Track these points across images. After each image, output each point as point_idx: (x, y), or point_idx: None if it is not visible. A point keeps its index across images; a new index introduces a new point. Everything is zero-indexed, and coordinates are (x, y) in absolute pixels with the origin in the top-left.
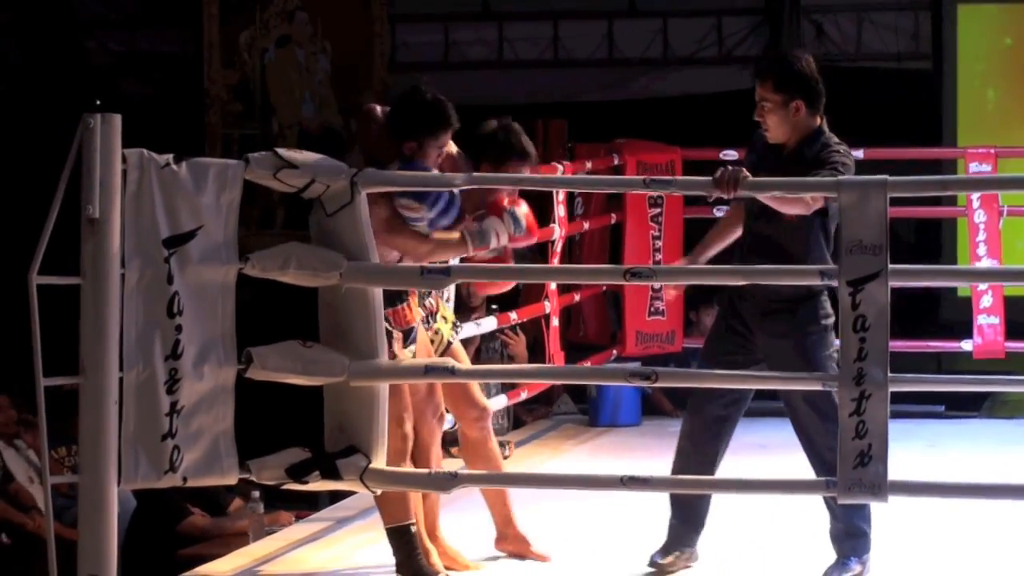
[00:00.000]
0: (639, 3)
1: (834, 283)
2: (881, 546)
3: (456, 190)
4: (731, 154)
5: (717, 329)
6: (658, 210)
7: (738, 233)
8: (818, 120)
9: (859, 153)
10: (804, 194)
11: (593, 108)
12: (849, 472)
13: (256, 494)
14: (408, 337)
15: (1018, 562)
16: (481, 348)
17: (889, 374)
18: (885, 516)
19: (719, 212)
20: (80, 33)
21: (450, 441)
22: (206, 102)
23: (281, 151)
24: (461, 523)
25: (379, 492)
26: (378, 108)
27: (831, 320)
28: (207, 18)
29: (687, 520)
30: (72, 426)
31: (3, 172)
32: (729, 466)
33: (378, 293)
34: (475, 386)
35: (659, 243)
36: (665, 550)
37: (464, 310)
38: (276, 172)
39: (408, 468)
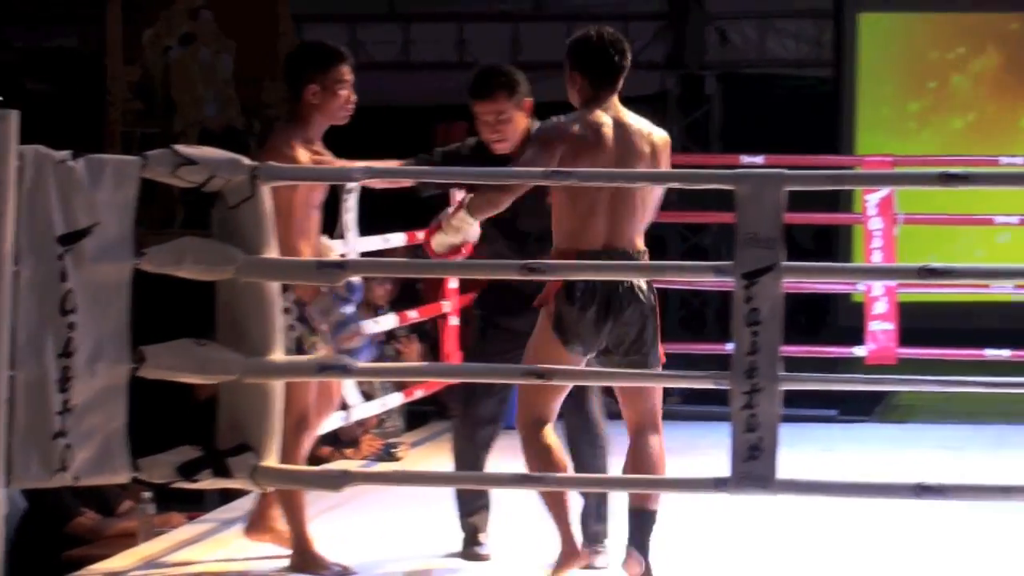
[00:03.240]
0: (544, 6)
1: (728, 277)
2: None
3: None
4: None
5: (487, 329)
6: None
7: None
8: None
9: (759, 159)
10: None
11: None
12: (740, 465)
13: (147, 495)
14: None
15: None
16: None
17: (780, 371)
18: (778, 516)
19: None
20: None
21: (345, 443)
22: (107, 100)
23: (179, 147)
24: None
25: (270, 490)
26: None
27: None
28: (110, 15)
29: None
30: None
31: None
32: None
33: (275, 288)
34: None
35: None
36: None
37: (367, 308)
38: (175, 169)
39: (301, 467)
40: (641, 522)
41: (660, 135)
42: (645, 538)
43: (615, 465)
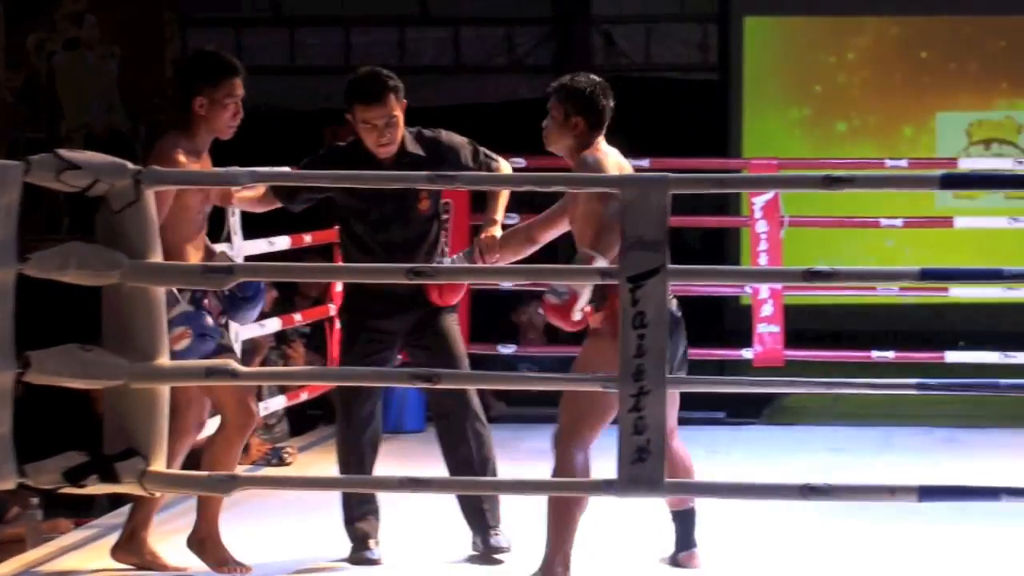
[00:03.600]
0: (431, 11)
1: (614, 280)
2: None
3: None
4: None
5: (356, 332)
6: (446, 216)
7: None
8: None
9: (645, 162)
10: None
11: None
12: (627, 467)
13: (35, 501)
14: None
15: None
16: (266, 358)
17: (667, 373)
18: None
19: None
20: None
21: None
22: None
23: (63, 152)
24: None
25: (157, 495)
26: None
27: None
28: None
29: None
30: None
31: None
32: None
33: (160, 293)
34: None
35: (446, 248)
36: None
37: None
38: (58, 174)
39: (189, 472)
40: (687, 520)
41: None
42: (694, 533)
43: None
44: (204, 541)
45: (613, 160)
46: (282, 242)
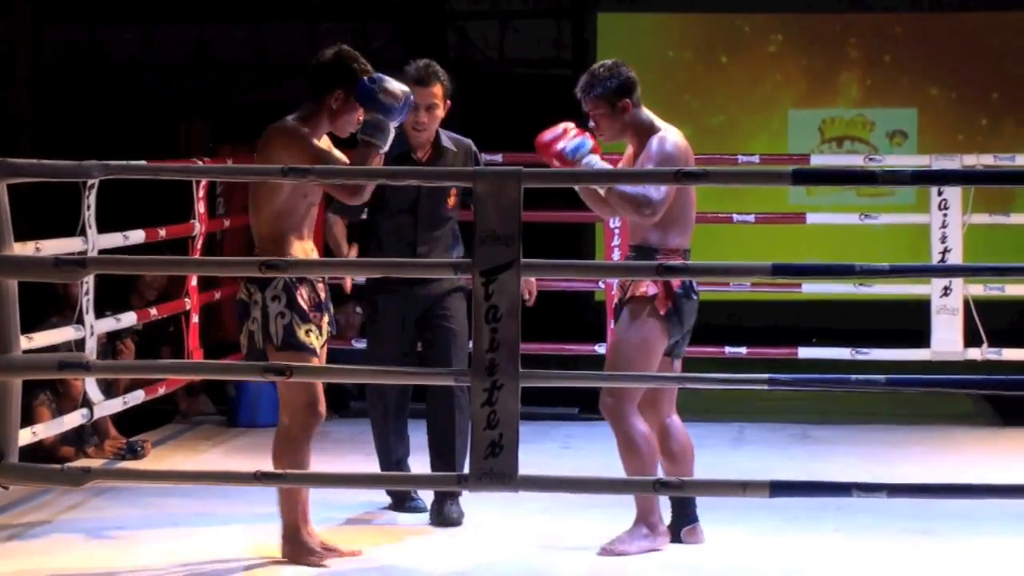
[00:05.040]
0: (285, 5)
1: (467, 274)
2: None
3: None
4: None
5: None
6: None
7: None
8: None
9: (498, 157)
10: None
11: (241, 109)
12: (480, 462)
13: None
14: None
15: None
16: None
17: (520, 368)
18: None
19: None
20: None
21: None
22: None
23: None
24: None
25: (9, 488)
26: None
27: None
28: None
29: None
30: None
31: None
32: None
33: (12, 286)
34: None
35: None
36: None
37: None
38: None
39: (41, 465)
40: (687, 498)
41: None
42: (694, 508)
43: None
44: (291, 540)
45: (672, 137)
46: (137, 236)
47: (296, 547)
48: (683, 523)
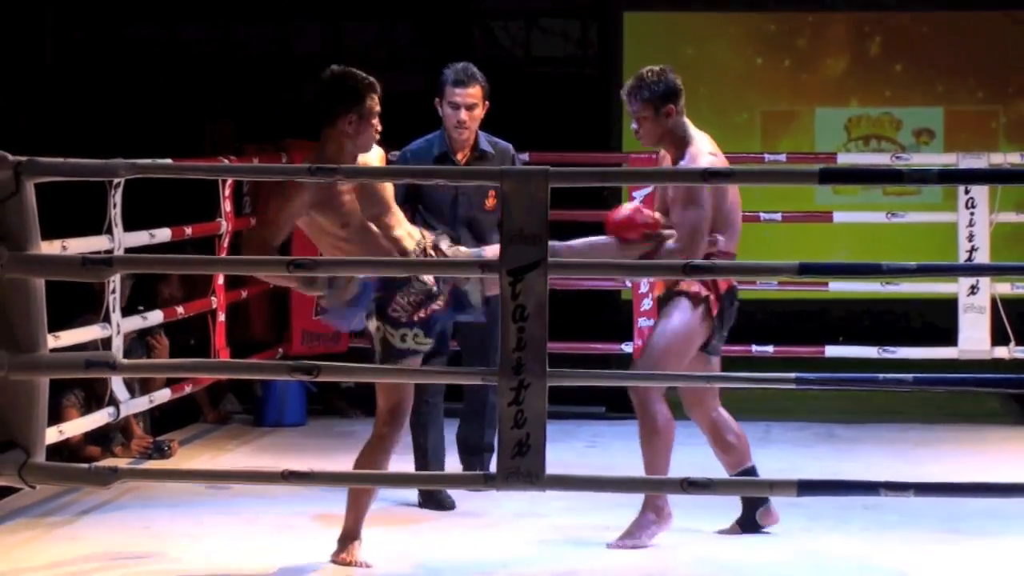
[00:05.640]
0: (310, 4)
1: (494, 273)
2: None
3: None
4: None
5: None
6: None
7: None
8: None
9: (525, 156)
10: None
11: (267, 109)
12: (507, 461)
13: None
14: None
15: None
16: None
17: (547, 367)
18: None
19: None
20: None
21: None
22: None
23: None
24: None
25: (36, 487)
26: None
27: None
28: None
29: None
30: None
31: None
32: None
33: (40, 284)
34: None
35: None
36: None
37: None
38: None
39: (69, 464)
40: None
41: None
42: None
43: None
44: (343, 544)
45: (707, 149)
46: (163, 234)
47: (344, 552)
48: (757, 506)
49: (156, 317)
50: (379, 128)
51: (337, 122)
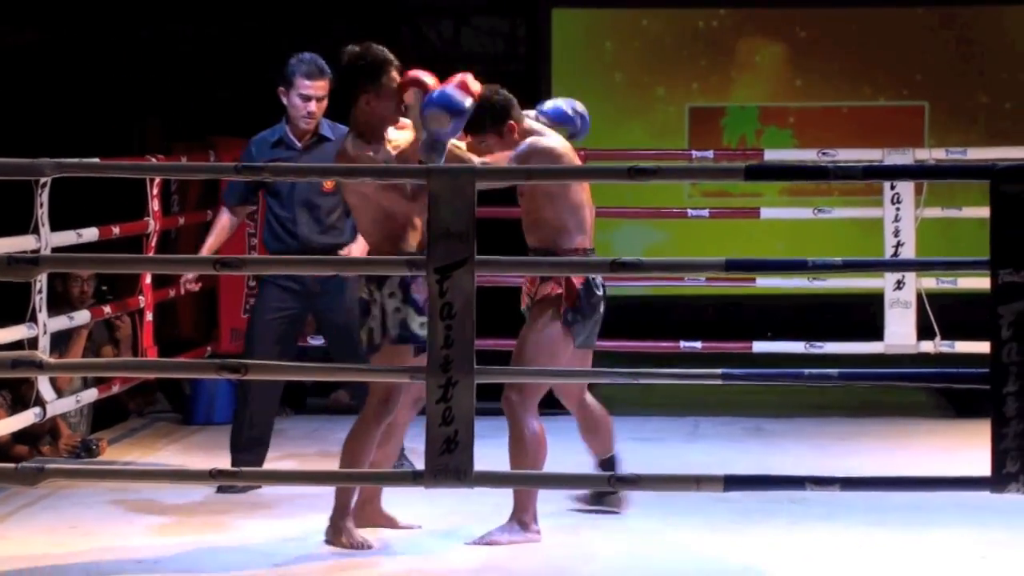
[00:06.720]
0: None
1: (421, 272)
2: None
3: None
4: None
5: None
6: (252, 208)
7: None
8: None
9: None
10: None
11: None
12: (435, 458)
13: None
14: None
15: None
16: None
17: (475, 365)
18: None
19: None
20: None
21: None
22: None
23: None
24: None
25: None
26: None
27: None
28: None
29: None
30: None
31: None
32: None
33: None
34: None
35: (254, 240)
36: None
37: (63, 303)
38: None
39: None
40: (611, 467)
41: None
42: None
43: None
44: (334, 524)
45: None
46: (90, 234)
47: (336, 531)
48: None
49: (83, 317)
50: (407, 101)
51: (358, 101)
